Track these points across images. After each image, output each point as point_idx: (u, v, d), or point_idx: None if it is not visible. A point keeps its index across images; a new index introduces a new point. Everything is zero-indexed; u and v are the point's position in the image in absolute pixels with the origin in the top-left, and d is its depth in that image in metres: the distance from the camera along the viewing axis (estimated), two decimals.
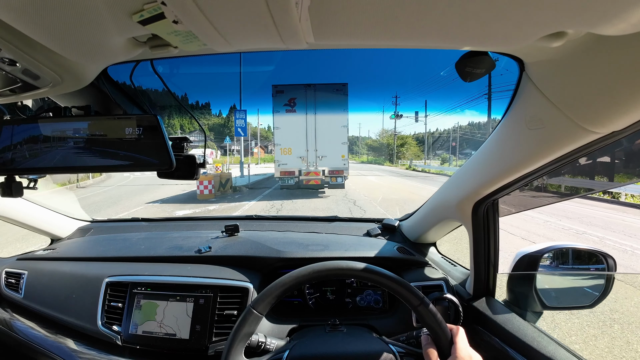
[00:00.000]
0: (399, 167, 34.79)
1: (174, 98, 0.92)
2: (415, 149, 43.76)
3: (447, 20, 0.41)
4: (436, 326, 0.68)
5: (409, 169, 29.29)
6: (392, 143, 43.27)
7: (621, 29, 0.37)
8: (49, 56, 0.52)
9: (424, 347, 0.69)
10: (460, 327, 0.70)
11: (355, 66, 44.03)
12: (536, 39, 0.45)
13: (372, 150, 53.03)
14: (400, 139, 43.42)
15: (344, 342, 0.78)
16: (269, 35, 0.44)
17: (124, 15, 0.40)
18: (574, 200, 7.19)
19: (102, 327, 1.02)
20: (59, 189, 11.95)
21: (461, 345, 0.66)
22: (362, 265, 0.74)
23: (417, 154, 42.33)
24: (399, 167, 34.79)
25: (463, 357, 0.64)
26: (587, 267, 1.03)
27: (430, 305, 0.70)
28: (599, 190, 6.50)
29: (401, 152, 42.87)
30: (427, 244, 1.37)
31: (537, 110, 0.62)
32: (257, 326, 0.72)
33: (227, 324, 0.97)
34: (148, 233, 1.51)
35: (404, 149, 43.49)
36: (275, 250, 1.19)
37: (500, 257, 1.02)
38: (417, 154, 42.33)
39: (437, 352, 0.67)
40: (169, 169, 0.66)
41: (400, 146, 43.09)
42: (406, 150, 43.18)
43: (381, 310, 1.14)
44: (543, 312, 1.01)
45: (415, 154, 42.32)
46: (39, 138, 0.67)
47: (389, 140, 45.64)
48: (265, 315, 0.74)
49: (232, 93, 42.26)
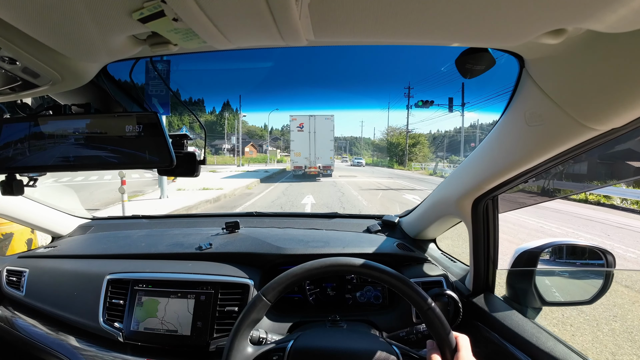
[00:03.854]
0: (412, 170, 30.19)
1: (174, 96, 0.92)
2: (427, 150, 39.10)
3: (447, 17, 0.41)
4: (442, 331, 0.68)
5: (433, 175, 22.74)
6: (402, 143, 37.76)
7: (619, 26, 0.37)
8: (48, 54, 0.52)
9: (428, 353, 0.69)
10: (465, 336, 0.70)
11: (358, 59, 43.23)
12: (536, 36, 0.45)
13: (378, 150, 45.70)
14: (411, 137, 37.41)
15: (347, 338, 0.79)
16: (268, 33, 0.43)
17: (124, 13, 0.40)
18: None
19: (104, 324, 1.02)
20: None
21: (464, 353, 0.66)
22: (373, 265, 0.74)
23: (428, 156, 38.45)
24: (412, 170, 30.19)
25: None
26: (586, 263, 1.03)
27: (437, 310, 0.69)
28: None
29: (413, 153, 37.37)
30: (426, 240, 1.38)
31: (536, 107, 0.63)
32: (264, 313, 0.73)
33: (228, 320, 0.98)
34: (149, 230, 1.52)
35: (417, 149, 37.86)
36: (275, 246, 1.20)
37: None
38: (428, 156, 38.45)
39: (441, 357, 0.67)
40: (169, 166, 0.66)
41: (412, 146, 37.28)
42: (419, 151, 37.84)
43: (381, 306, 1.14)
44: (542, 307, 1.02)
45: (426, 156, 38.38)
46: (39, 136, 0.67)
47: (399, 140, 39.01)
48: (266, 312, 0.74)
49: (225, 90, 41.87)
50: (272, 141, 61.82)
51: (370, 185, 14.65)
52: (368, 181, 16.59)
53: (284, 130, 73.32)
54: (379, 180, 17.39)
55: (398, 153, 38.50)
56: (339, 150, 79.08)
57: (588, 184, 0.82)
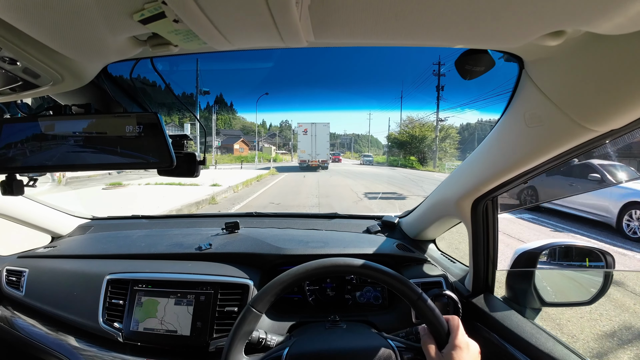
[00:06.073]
0: (445, 172, 20.95)
1: (173, 95, 0.92)
2: (453, 148, 30.38)
3: (447, 18, 0.41)
4: (433, 318, 0.69)
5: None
6: (429, 136, 29.59)
7: (618, 28, 0.37)
8: (49, 55, 0.52)
9: (422, 339, 0.70)
10: (456, 317, 0.71)
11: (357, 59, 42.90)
12: (535, 38, 0.45)
13: (397, 146, 33.58)
14: (440, 130, 28.22)
15: (344, 338, 0.79)
16: (269, 34, 0.44)
17: (124, 14, 0.40)
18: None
19: (104, 324, 1.02)
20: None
21: (458, 333, 0.68)
22: (360, 262, 0.75)
23: (454, 154, 29.64)
24: (445, 172, 20.95)
25: (460, 345, 0.65)
26: (586, 265, 1.03)
27: (427, 300, 0.71)
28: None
29: (443, 150, 29.00)
30: (426, 240, 1.38)
31: (536, 108, 0.63)
32: (256, 324, 0.73)
33: (228, 321, 0.98)
34: (148, 230, 1.52)
35: (447, 144, 29.57)
36: (275, 247, 1.20)
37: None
38: (454, 154, 29.64)
39: (435, 343, 0.68)
40: (169, 167, 0.66)
41: (441, 140, 28.75)
42: (449, 147, 29.66)
43: (381, 307, 1.14)
44: (542, 308, 1.02)
45: (452, 154, 29.60)
46: (40, 136, 0.67)
47: (423, 132, 30.57)
48: (265, 312, 0.74)
49: (218, 87, 41.35)
50: (268, 138, 61.31)
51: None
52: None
53: (283, 126, 73.33)
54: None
55: (422, 149, 30.88)
56: (341, 148, 78.97)
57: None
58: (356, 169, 25.89)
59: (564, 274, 1.09)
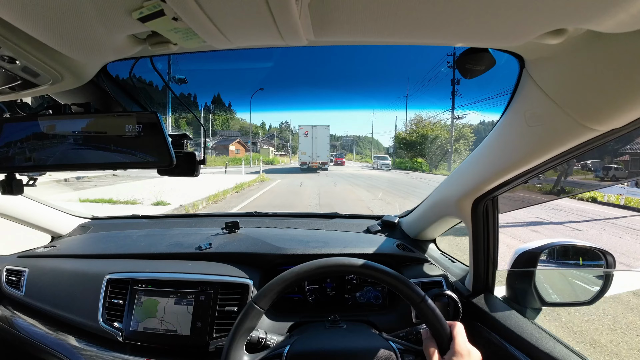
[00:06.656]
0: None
1: (173, 95, 0.92)
2: (467, 150, 26.43)
3: (448, 17, 0.41)
4: (436, 322, 0.69)
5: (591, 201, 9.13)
6: (443, 136, 27.69)
7: (620, 26, 0.37)
8: (48, 54, 0.52)
9: (424, 342, 0.70)
10: (459, 323, 0.71)
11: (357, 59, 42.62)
12: (536, 36, 0.45)
13: (405, 147, 30.99)
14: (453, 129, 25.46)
15: (344, 338, 0.79)
16: (268, 33, 0.43)
17: (123, 12, 0.40)
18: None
19: (103, 324, 1.02)
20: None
21: (460, 340, 0.67)
22: (363, 262, 0.75)
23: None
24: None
25: (462, 352, 0.65)
26: (586, 264, 1.03)
27: (430, 302, 0.70)
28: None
29: (458, 151, 25.94)
30: (426, 240, 1.38)
31: (536, 108, 0.62)
32: (258, 321, 0.73)
33: (228, 320, 0.98)
34: (148, 230, 1.52)
35: (462, 144, 26.91)
36: (275, 246, 1.19)
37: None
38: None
39: (437, 347, 0.68)
40: (169, 166, 0.66)
41: (456, 140, 26.07)
42: (464, 148, 26.69)
43: (381, 307, 1.14)
44: (542, 308, 1.01)
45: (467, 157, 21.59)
46: (39, 136, 0.67)
47: (435, 131, 28.74)
48: (266, 312, 0.74)
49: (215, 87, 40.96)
50: (267, 139, 61.19)
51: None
52: None
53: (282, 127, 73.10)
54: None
55: (433, 150, 28.43)
56: (342, 149, 78.56)
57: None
58: (363, 173, 22.92)
59: (565, 273, 1.09)
